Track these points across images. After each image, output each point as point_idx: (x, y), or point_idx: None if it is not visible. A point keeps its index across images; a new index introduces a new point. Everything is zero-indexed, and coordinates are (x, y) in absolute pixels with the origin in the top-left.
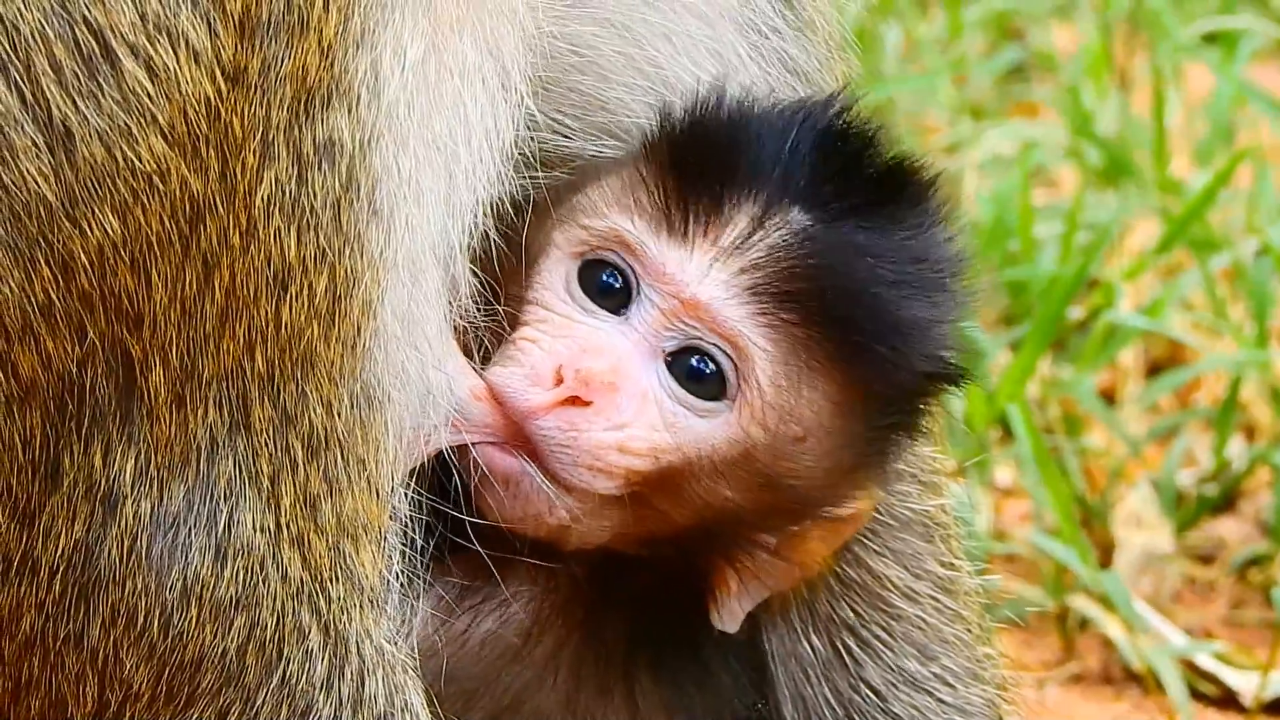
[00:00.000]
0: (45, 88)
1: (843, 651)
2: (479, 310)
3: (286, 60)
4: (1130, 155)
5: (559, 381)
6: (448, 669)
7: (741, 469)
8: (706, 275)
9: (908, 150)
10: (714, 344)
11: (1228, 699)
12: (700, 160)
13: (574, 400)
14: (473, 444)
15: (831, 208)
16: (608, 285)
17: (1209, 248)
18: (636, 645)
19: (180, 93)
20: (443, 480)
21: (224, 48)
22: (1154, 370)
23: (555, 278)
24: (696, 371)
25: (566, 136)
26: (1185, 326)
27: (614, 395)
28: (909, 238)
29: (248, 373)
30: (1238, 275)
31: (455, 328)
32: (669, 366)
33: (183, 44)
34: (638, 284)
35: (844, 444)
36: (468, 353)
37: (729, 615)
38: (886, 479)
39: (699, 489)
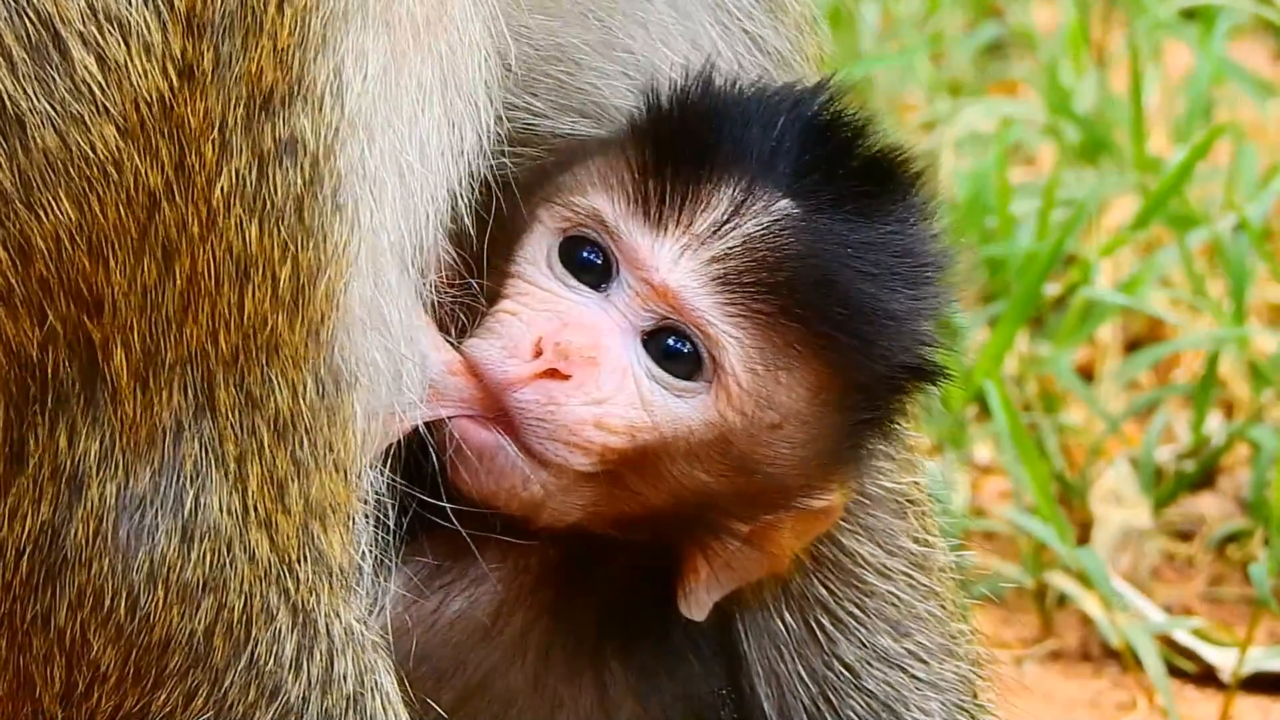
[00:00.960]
0: None
1: (816, 629)
2: (456, 288)
3: (240, 60)
4: (1108, 132)
5: (538, 354)
6: (418, 649)
7: (717, 453)
8: (677, 263)
9: (896, 141)
10: (686, 329)
11: (1206, 675)
12: (680, 145)
13: (553, 373)
14: (448, 418)
15: (813, 197)
16: (588, 261)
17: (1187, 224)
18: (606, 629)
19: (131, 84)
20: (415, 460)
21: (173, 43)
22: (1132, 347)
23: (537, 252)
24: (673, 351)
25: (540, 117)
26: (1163, 303)
27: (593, 370)
28: (892, 231)
29: (212, 357)
30: (1216, 251)
31: (430, 305)
32: (646, 345)
33: (134, 36)
34: (616, 263)
35: (821, 434)
36: (444, 329)
37: (696, 603)
38: (860, 474)
39: (674, 471)
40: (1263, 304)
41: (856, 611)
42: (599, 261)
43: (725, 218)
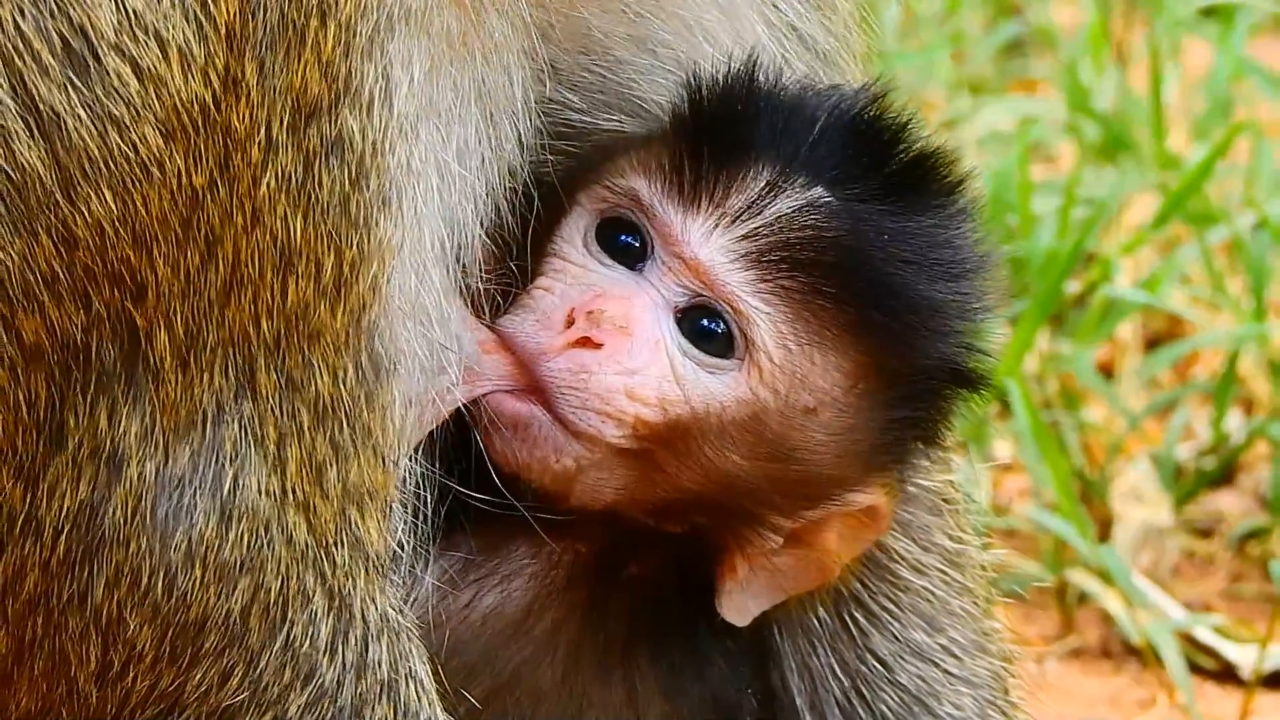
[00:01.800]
0: (28, 77)
1: (849, 623)
2: (494, 274)
3: (284, 73)
4: (1128, 130)
5: (570, 324)
6: (450, 643)
7: (751, 434)
8: (709, 238)
9: (938, 144)
10: (718, 305)
11: (1226, 672)
12: (718, 128)
13: (585, 342)
14: (483, 395)
15: (853, 188)
16: (624, 243)
17: (1207, 222)
18: (637, 628)
19: (170, 92)
20: (451, 451)
21: (215, 57)
22: (1152, 344)
23: (574, 232)
24: (707, 331)
25: (580, 111)
26: (1183, 301)
27: (625, 340)
28: (933, 225)
29: (253, 340)
30: (1236, 249)
31: (467, 291)
32: (679, 323)
33: (173, 48)
34: (651, 242)
35: (859, 426)
36: (479, 312)
37: (737, 607)
38: (903, 475)
39: (708, 451)
40: None
41: (890, 606)
42: (635, 244)
43: (759, 197)
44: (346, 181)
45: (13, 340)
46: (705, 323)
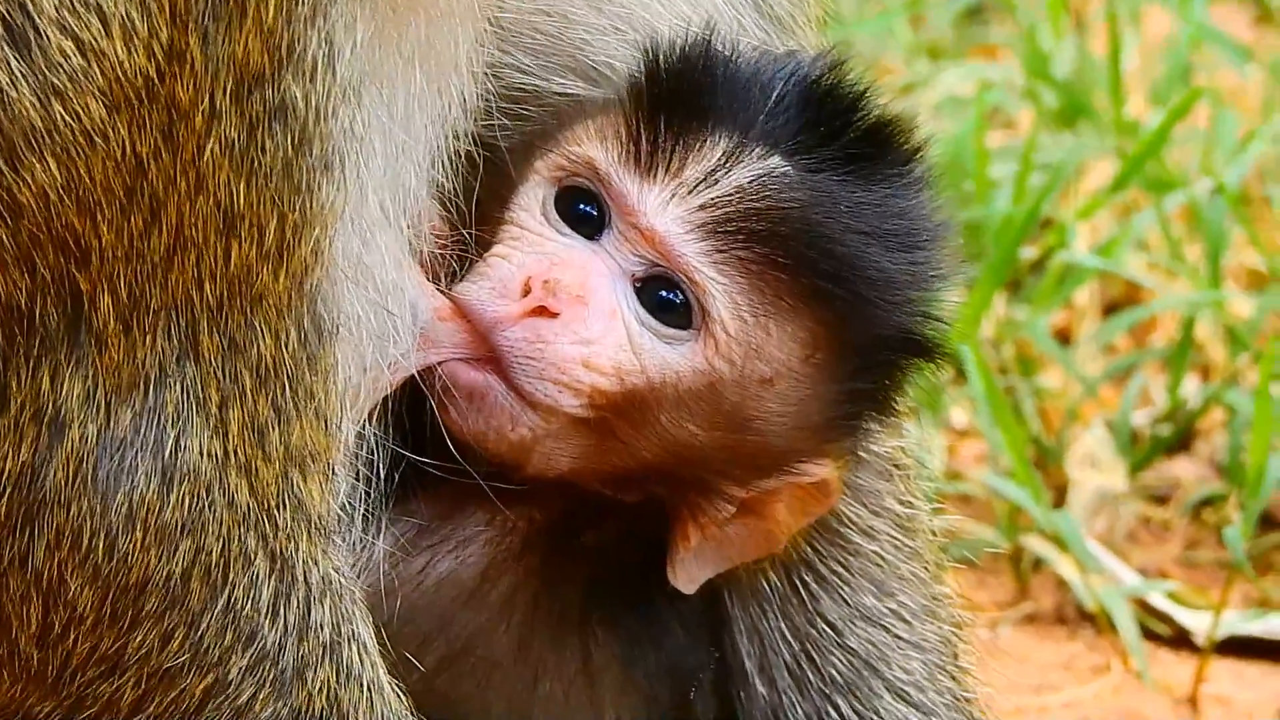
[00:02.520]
0: None
1: (799, 587)
2: (448, 240)
3: (227, 42)
4: (1087, 96)
5: (526, 292)
6: (403, 608)
7: (708, 405)
8: (665, 208)
9: (896, 112)
10: (674, 275)
11: (1181, 639)
12: (675, 98)
13: (541, 311)
14: (439, 363)
15: (809, 158)
16: (582, 213)
17: (1164, 188)
18: (592, 595)
19: (112, 66)
20: (406, 417)
21: (159, 31)
22: (1109, 310)
23: (532, 201)
24: (665, 301)
25: (530, 74)
26: (1140, 267)
27: (582, 309)
28: (889, 194)
29: (196, 304)
30: (1193, 215)
31: (420, 257)
32: (637, 293)
33: (115, 23)
34: (608, 212)
35: (814, 396)
36: (435, 279)
37: (686, 575)
38: (856, 446)
39: (664, 421)
40: (1239, 268)
41: (841, 570)
42: (593, 213)
43: (716, 167)
44: (289, 147)
45: None
46: (663, 293)
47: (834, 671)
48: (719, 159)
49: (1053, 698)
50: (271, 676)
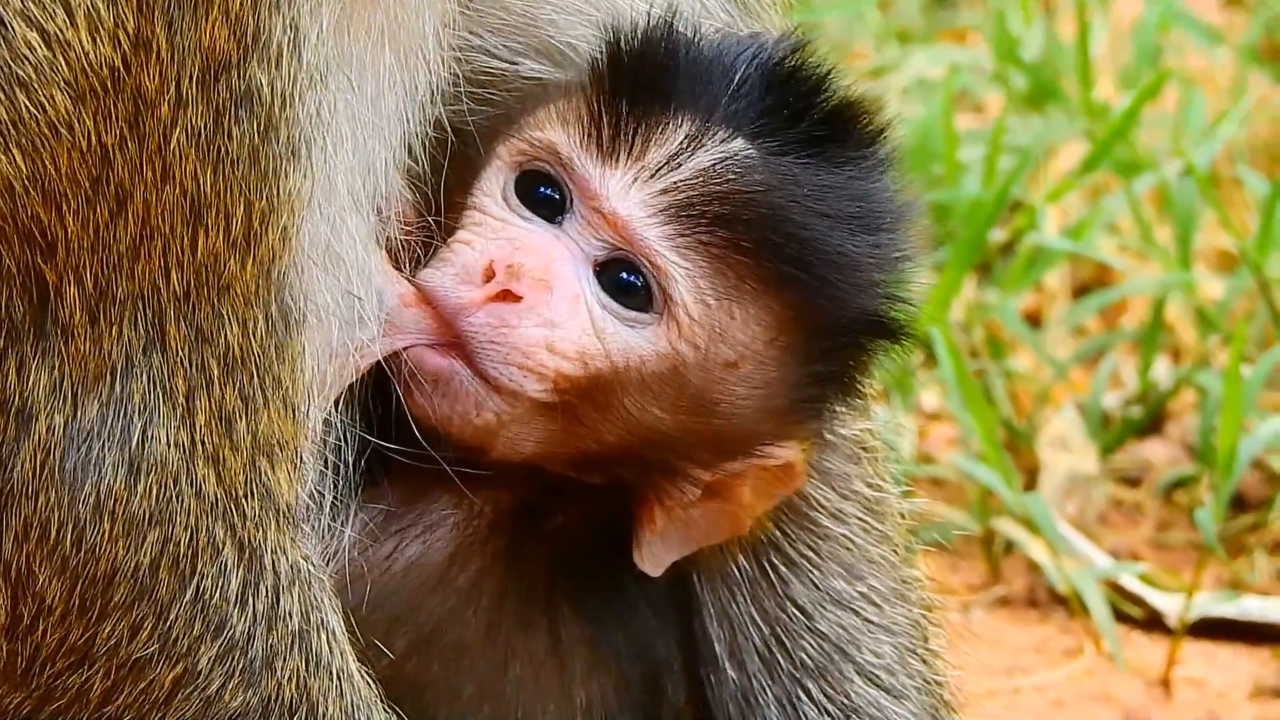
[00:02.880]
0: None
1: (769, 570)
2: (414, 226)
3: (193, 31)
4: (1056, 79)
5: (489, 277)
6: (371, 594)
7: (671, 388)
8: (627, 193)
9: (859, 93)
10: (636, 259)
11: (1152, 621)
12: (637, 80)
13: (505, 295)
14: (404, 349)
15: (771, 140)
16: (543, 196)
17: (1134, 170)
18: (559, 578)
19: (77, 56)
20: (372, 402)
21: (125, 20)
22: (1079, 292)
23: (493, 185)
24: (625, 284)
25: (498, 57)
26: (1110, 249)
27: (545, 293)
28: (852, 177)
29: (163, 293)
30: (1163, 197)
31: (386, 243)
32: (599, 276)
33: (79, 13)
34: (570, 196)
35: (779, 379)
36: (400, 265)
37: (652, 558)
38: (821, 429)
39: (629, 404)
40: (1210, 249)
41: (810, 554)
42: (555, 196)
43: (678, 150)
44: (255, 134)
45: None
46: (625, 276)
47: (804, 655)
48: (681, 142)
49: (1025, 680)
50: (241, 666)
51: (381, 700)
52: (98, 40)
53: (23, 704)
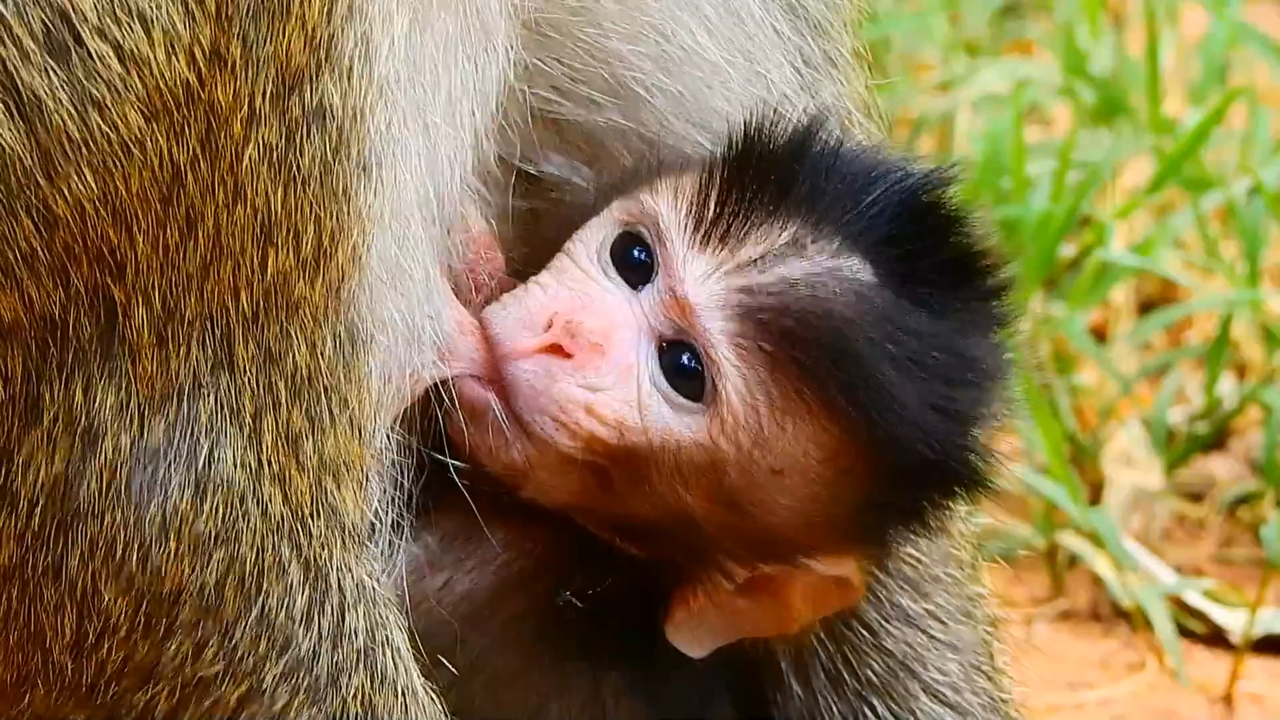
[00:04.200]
0: (8, 62)
1: None
2: (479, 251)
3: (269, 43)
4: (1124, 94)
5: (549, 327)
6: (421, 625)
7: (709, 479)
8: (705, 281)
9: (990, 245)
10: (696, 346)
11: (1216, 637)
12: (763, 170)
13: (556, 349)
14: (452, 376)
15: (881, 270)
16: (634, 260)
17: (1201, 187)
18: (600, 629)
19: (154, 74)
20: (426, 425)
21: (201, 34)
22: (1145, 308)
23: (591, 237)
24: (684, 369)
25: (567, 90)
26: (1177, 265)
27: (598, 357)
28: (952, 328)
29: (231, 313)
30: (1230, 214)
31: (452, 266)
32: (660, 354)
33: (158, 29)
34: (657, 267)
35: (828, 498)
36: (460, 290)
37: (688, 638)
38: (882, 556)
39: (660, 483)
40: (1276, 267)
41: (876, 571)
42: (645, 262)
43: (771, 253)
44: (327, 151)
45: None
46: (685, 359)
47: (870, 673)
48: (780, 244)
49: (1088, 695)
50: (306, 684)
51: (446, 716)
52: (173, 57)
53: None
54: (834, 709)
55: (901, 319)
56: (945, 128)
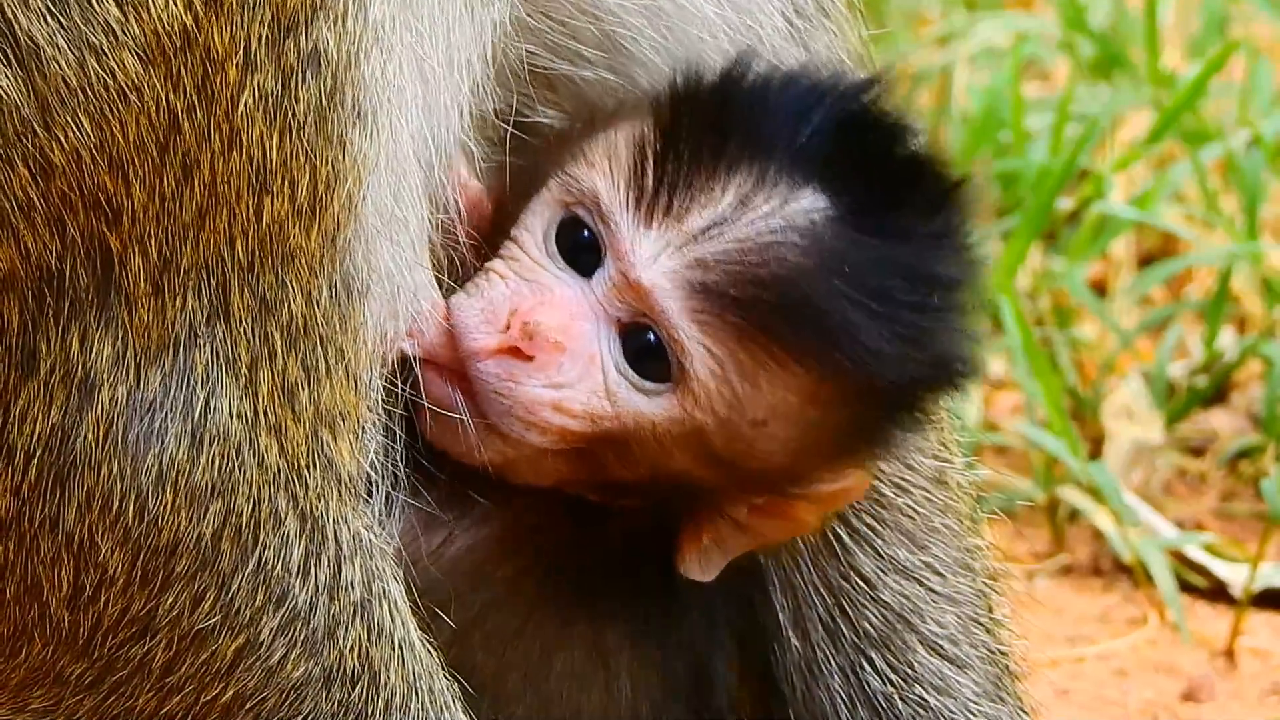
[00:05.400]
0: (8, 8)
1: (833, 539)
2: (474, 209)
3: None
4: (1123, 48)
5: (507, 328)
6: (420, 582)
7: (693, 444)
8: (655, 261)
9: (933, 149)
10: (656, 328)
11: (1217, 591)
12: (695, 131)
13: (516, 351)
14: (418, 359)
15: (833, 197)
16: (583, 242)
17: (1201, 139)
18: (605, 578)
19: (152, 18)
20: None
21: None
22: (1145, 262)
23: (536, 222)
24: (646, 350)
25: (557, 45)
26: (1177, 218)
27: (558, 355)
28: (908, 248)
29: (227, 263)
30: (1229, 167)
31: (433, 239)
32: (622, 339)
33: None
34: (604, 251)
35: (818, 428)
36: (449, 265)
37: (701, 564)
38: (884, 458)
39: (646, 453)
40: (1276, 219)
41: (873, 523)
42: (592, 246)
43: (721, 218)
44: (322, 96)
45: None
46: (648, 340)
47: (868, 625)
48: (725, 206)
49: (1088, 649)
50: (303, 636)
51: (443, 668)
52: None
53: (85, 674)
54: (832, 661)
55: (857, 254)
56: (944, 81)
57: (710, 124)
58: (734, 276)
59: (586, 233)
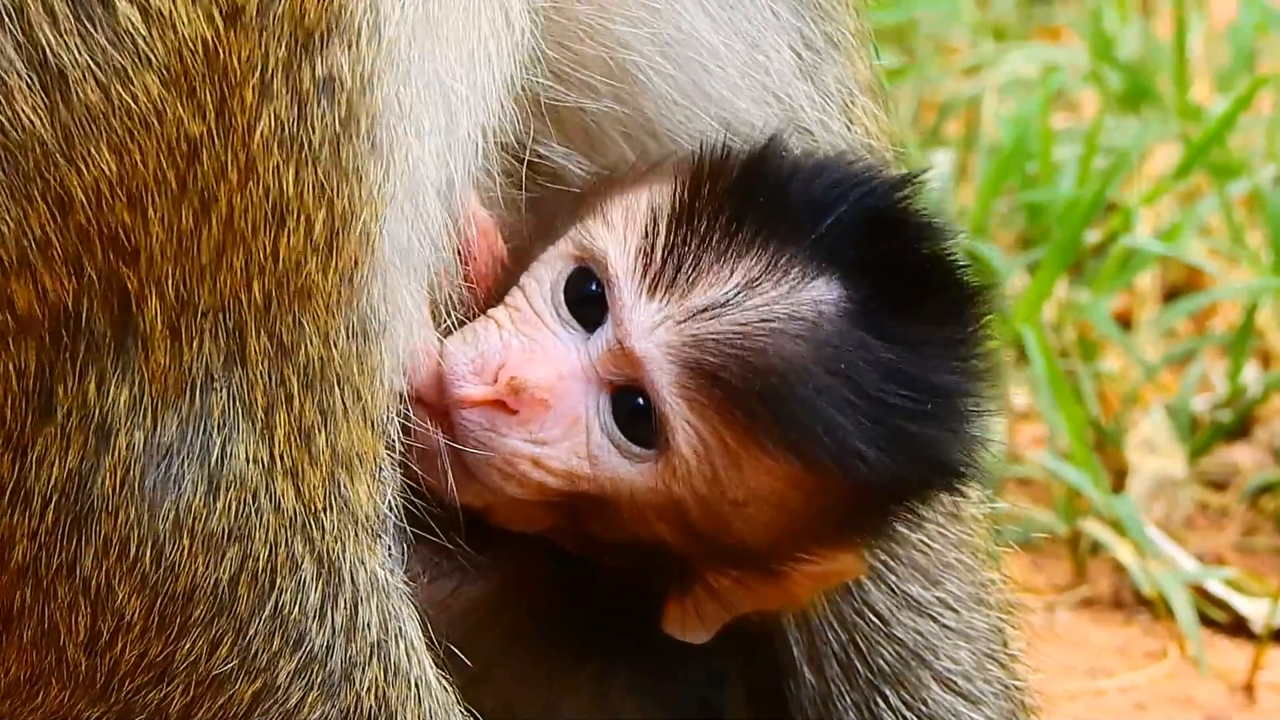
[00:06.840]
0: (38, 29)
1: None
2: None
3: (283, 1)
4: (1151, 80)
5: (495, 381)
6: (433, 628)
7: (670, 514)
8: (651, 332)
9: (958, 249)
10: (646, 394)
11: (1238, 625)
12: (712, 210)
13: (501, 404)
14: (409, 397)
15: (847, 290)
16: (588, 299)
17: (1228, 174)
18: (603, 629)
19: (176, 34)
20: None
21: None
22: (1170, 295)
23: (546, 273)
24: (637, 412)
25: (567, 75)
26: (1202, 252)
27: (543, 411)
28: (916, 354)
29: (244, 304)
30: (1256, 202)
31: (436, 273)
32: (613, 400)
33: None
34: (607, 308)
35: (799, 516)
36: (449, 301)
37: (681, 629)
38: (878, 544)
39: (625, 518)
40: None
41: (887, 559)
42: (599, 301)
43: (723, 299)
44: (336, 123)
45: (5, 309)
46: (639, 402)
47: (882, 662)
48: (732, 288)
49: (1108, 682)
50: (320, 679)
51: (459, 703)
52: (195, 12)
53: (102, 718)
54: (846, 697)
55: (856, 353)
56: (972, 112)
57: (728, 202)
58: (728, 359)
59: (595, 285)
